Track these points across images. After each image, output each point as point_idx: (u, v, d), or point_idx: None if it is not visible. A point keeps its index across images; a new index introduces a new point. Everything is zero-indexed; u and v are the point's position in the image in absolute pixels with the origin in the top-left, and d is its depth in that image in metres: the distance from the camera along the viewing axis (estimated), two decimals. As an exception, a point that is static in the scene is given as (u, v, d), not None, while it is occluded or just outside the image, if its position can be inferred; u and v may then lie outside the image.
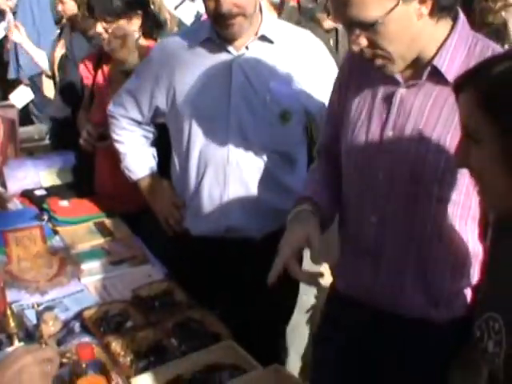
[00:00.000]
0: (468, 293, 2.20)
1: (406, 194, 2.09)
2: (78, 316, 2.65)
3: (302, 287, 3.30)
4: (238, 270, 3.07)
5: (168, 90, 2.99)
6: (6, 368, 1.61)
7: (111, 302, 2.76)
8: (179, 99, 2.95)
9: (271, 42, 2.89)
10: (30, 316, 2.66)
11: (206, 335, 2.50)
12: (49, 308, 2.71)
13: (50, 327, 2.51)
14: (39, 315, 2.60)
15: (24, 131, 5.42)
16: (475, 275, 2.19)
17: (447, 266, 2.15)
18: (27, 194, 3.91)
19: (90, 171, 3.92)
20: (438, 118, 2.02)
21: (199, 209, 3.03)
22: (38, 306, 2.67)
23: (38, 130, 5.74)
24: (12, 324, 2.51)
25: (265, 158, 2.92)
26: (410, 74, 2.07)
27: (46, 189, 3.96)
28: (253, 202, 2.96)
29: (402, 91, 2.07)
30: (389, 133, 2.10)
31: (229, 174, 2.91)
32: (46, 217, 3.60)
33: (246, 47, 2.87)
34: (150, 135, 3.30)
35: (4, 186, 4.01)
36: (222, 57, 2.88)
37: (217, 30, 2.84)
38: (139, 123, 3.22)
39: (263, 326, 3.15)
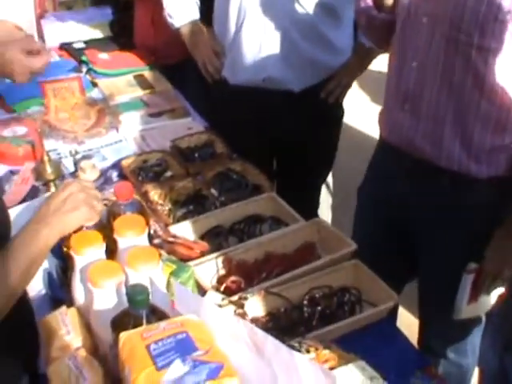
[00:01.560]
0: (512, 152, 2.12)
1: (446, 41, 2.02)
2: (116, 165, 2.61)
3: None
4: (277, 122, 2.99)
5: None
6: (55, 195, 1.62)
7: (150, 151, 2.71)
8: None
9: None
10: (68, 164, 2.63)
11: (247, 187, 2.45)
12: (86, 157, 2.66)
13: (88, 175, 2.47)
14: (76, 163, 2.56)
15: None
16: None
17: (489, 120, 2.06)
18: (66, 47, 3.80)
19: (129, 24, 3.80)
20: None
21: (238, 57, 2.93)
22: (76, 153, 2.62)
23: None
24: (49, 171, 2.48)
25: (309, 8, 2.77)
26: None
27: (85, 42, 3.86)
28: (293, 53, 2.85)
29: None
30: None
31: (270, 22, 2.79)
32: (84, 69, 3.52)
33: None
34: None
35: (42, 39, 3.91)
36: None
37: None
38: None
39: (302, 180, 3.16)
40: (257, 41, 2.83)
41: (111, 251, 1.73)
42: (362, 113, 5.37)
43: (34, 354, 1.71)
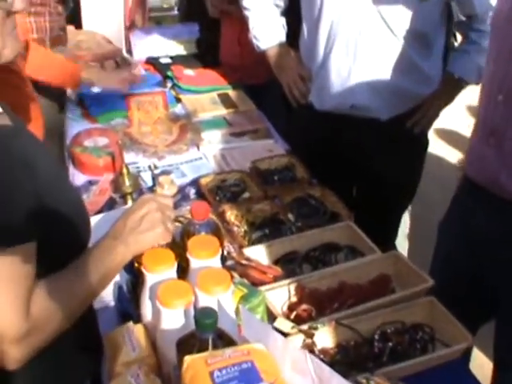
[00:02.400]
0: None
1: None
2: (195, 182, 2.60)
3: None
4: (360, 149, 2.94)
5: None
6: (132, 212, 1.66)
7: (229, 171, 2.69)
8: None
9: None
10: (146, 178, 2.63)
11: (325, 213, 2.40)
12: (165, 172, 2.66)
13: (166, 190, 2.47)
14: (155, 178, 2.56)
15: (153, 0, 5.38)
16: None
17: None
18: (152, 61, 3.85)
19: (216, 42, 3.85)
20: None
21: (325, 83, 2.87)
22: (155, 168, 2.62)
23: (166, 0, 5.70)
24: (127, 183, 2.48)
25: (399, 36, 2.71)
26: None
27: (171, 57, 3.89)
28: (382, 81, 2.79)
29: None
30: None
31: (360, 48, 2.74)
32: (169, 84, 3.55)
33: None
34: (281, 3, 3.14)
35: (130, 52, 3.97)
36: None
37: None
38: None
39: (381, 210, 3.09)
40: (346, 67, 2.78)
41: (182, 269, 1.71)
42: (446, 143, 5.30)
43: (96, 361, 1.75)
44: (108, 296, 1.95)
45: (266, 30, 3.13)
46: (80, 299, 1.57)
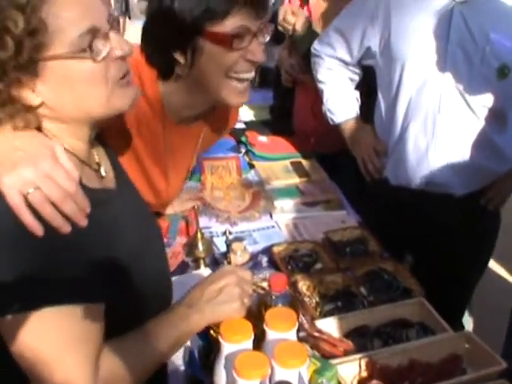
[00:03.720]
0: None
1: None
2: (267, 250, 2.62)
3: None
4: (433, 224, 2.94)
5: (383, 31, 2.85)
6: (211, 282, 1.69)
7: (302, 241, 2.70)
8: (394, 42, 2.81)
9: None
10: (219, 243, 2.65)
11: (397, 288, 2.39)
12: (238, 239, 2.67)
13: (238, 257, 2.48)
14: (228, 244, 2.58)
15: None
16: None
17: None
18: (227, 126, 3.90)
19: (289, 110, 3.87)
20: None
21: (402, 159, 2.89)
22: (229, 233, 2.65)
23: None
24: (200, 248, 2.50)
25: (476, 112, 2.72)
26: None
27: (246, 123, 3.95)
28: (460, 158, 2.79)
29: None
30: None
31: (438, 125, 2.75)
32: (243, 149, 3.59)
33: None
34: (356, 77, 3.18)
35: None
36: (443, 2, 2.69)
37: None
38: (346, 64, 3.12)
39: (450, 286, 3.05)
40: (423, 143, 2.80)
41: (257, 339, 1.71)
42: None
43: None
44: (178, 360, 1.95)
45: (341, 103, 3.16)
46: (149, 363, 1.59)
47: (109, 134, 1.82)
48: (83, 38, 1.42)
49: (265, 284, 2.00)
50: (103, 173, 1.67)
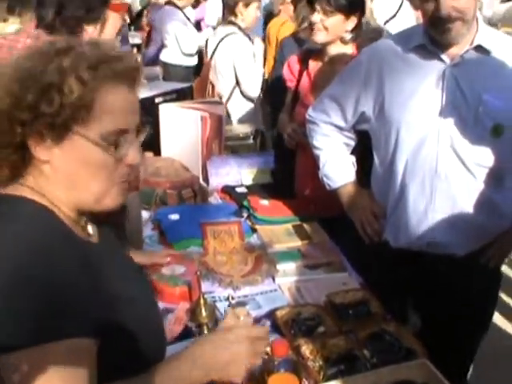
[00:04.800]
0: None
1: None
2: (270, 314, 2.62)
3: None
4: (434, 284, 2.95)
5: (377, 96, 2.91)
6: (221, 339, 1.75)
7: (304, 304, 2.70)
8: (388, 107, 2.86)
9: (488, 52, 2.72)
10: (222, 308, 2.65)
11: (400, 350, 2.38)
12: (241, 303, 2.68)
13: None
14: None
15: (229, 129, 5.50)
16: None
17: None
18: (228, 190, 3.95)
19: (290, 173, 3.91)
20: None
21: (401, 221, 2.91)
22: (232, 298, 2.65)
23: (243, 129, 5.80)
24: (204, 314, 2.50)
25: (473, 172, 2.76)
26: None
27: (247, 187, 3.98)
28: (459, 218, 2.81)
29: None
30: None
31: (436, 187, 2.78)
32: (245, 214, 3.60)
33: (461, 56, 2.72)
34: (351, 142, 3.23)
35: (206, 180, 4.06)
36: (435, 65, 2.76)
37: (432, 34, 2.72)
38: (341, 129, 3.17)
39: (451, 345, 3.01)
40: (422, 204, 2.82)
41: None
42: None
43: None
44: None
45: (337, 169, 3.20)
46: None
47: None
48: (116, 133, 1.56)
49: (268, 349, 2.00)
50: (90, 230, 1.73)
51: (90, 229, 1.73)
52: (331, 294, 2.72)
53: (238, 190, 3.93)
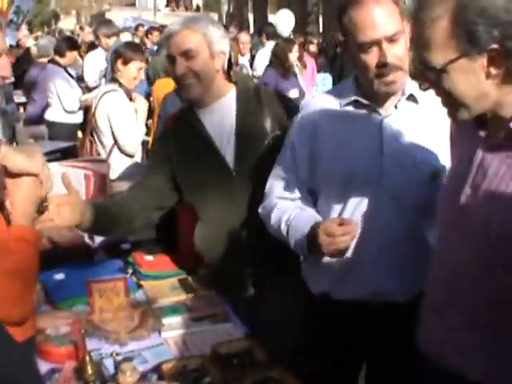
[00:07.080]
0: None
1: None
2: (157, 368, 2.64)
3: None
4: (375, 334, 2.99)
5: (311, 162, 2.93)
6: None
7: (190, 356, 2.74)
8: (325, 165, 2.89)
9: (416, 101, 2.85)
10: (108, 365, 2.66)
11: (284, 396, 2.45)
12: (127, 359, 2.69)
13: (128, 377, 2.49)
14: (117, 365, 2.59)
15: (115, 185, 5.46)
16: None
17: None
18: (113, 247, 3.94)
19: (174, 228, 3.95)
20: None
21: (342, 271, 2.91)
22: (117, 355, 2.66)
23: (125, 186, 5.76)
24: (90, 371, 2.51)
25: (411, 216, 2.83)
26: None
27: (132, 243, 3.99)
28: (399, 263, 2.84)
29: None
30: None
31: (374, 232, 2.82)
32: (130, 270, 3.61)
33: (395, 106, 2.83)
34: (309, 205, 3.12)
35: (91, 238, 4.05)
36: (371, 118, 2.84)
37: (372, 88, 2.75)
38: (293, 200, 3.05)
39: None
40: (362, 253, 2.83)
41: None
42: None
43: None
44: None
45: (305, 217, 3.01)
46: None
47: None
48: None
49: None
50: None
51: None
52: (216, 344, 2.76)
53: (123, 246, 3.94)
